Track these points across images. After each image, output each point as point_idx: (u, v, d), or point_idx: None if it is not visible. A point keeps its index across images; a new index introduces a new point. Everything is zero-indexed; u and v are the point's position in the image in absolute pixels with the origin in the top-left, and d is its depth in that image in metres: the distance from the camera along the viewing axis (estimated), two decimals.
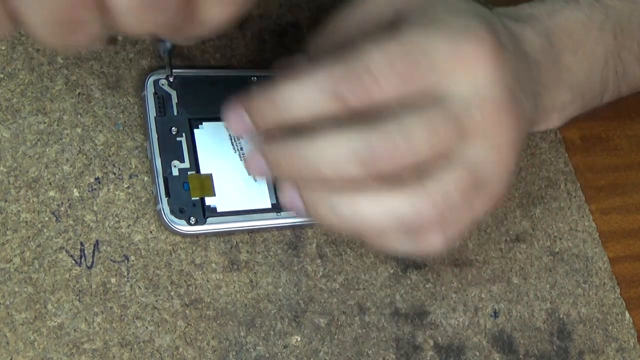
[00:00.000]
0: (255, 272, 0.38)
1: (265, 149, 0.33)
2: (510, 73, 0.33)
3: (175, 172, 0.37)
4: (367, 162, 0.31)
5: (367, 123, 0.31)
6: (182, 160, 0.38)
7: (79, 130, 0.38)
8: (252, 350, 0.36)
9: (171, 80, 0.39)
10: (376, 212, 0.32)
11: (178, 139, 0.38)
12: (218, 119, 0.39)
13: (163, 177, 0.37)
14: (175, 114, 0.39)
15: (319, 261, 0.39)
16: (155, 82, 0.39)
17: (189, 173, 0.37)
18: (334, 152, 0.31)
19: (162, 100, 0.39)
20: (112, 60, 0.40)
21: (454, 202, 0.32)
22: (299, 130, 0.32)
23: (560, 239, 0.46)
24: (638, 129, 0.53)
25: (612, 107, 0.53)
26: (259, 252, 0.38)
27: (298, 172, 0.33)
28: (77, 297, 0.34)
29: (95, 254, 0.35)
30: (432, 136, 0.31)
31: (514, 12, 0.39)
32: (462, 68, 0.32)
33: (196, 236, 0.37)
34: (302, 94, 0.32)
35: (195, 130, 0.39)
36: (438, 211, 0.32)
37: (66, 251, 0.35)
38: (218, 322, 0.36)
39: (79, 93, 0.38)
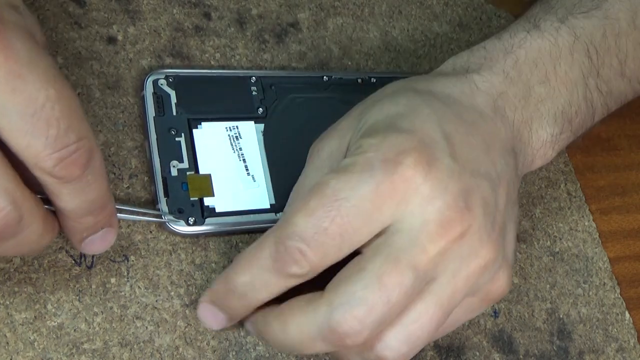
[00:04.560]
0: None
1: (247, 324, 0.35)
2: (449, 180, 0.31)
3: (174, 173, 0.37)
4: (331, 338, 0.31)
5: (323, 297, 0.31)
6: (181, 161, 0.38)
7: None
8: (252, 350, 0.36)
9: (170, 80, 0.39)
10: None
11: (177, 139, 0.38)
12: (217, 119, 0.39)
13: (162, 177, 0.37)
14: (175, 114, 0.39)
15: None
16: (155, 82, 0.39)
17: (187, 173, 0.37)
18: (301, 333, 0.31)
19: (161, 100, 0.39)
20: (112, 60, 0.40)
21: (422, 337, 0.32)
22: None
23: (560, 239, 0.46)
24: (638, 129, 0.53)
25: None
26: None
27: (273, 343, 0.33)
28: (77, 297, 0.34)
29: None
30: (387, 293, 0.30)
31: (463, 63, 0.38)
32: (390, 203, 0.31)
33: (195, 236, 0.37)
34: (252, 279, 0.32)
35: (194, 131, 0.39)
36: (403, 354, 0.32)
37: (66, 251, 0.35)
38: None
39: (79, 93, 0.38)
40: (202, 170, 0.38)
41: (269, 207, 0.38)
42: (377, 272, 0.30)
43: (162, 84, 0.39)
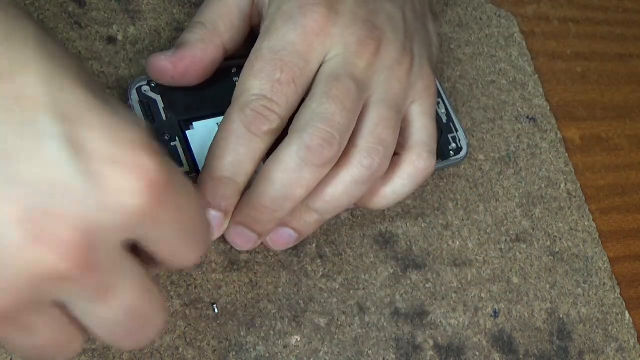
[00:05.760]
0: (255, 272, 0.38)
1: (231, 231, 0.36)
2: (357, 9, 0.37)
3: None
4: (311, 157, 0.33)
5: (288, 134, 0.35)
6: (180, 165, 0.37)
7: None
8: (252, 350, 0.36)
9: (153, 85, 0.38)
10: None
11: (172, 144, 0.37)
12: (207, 116, 0.38)
13: None
14: (164, 119, 0.37)
15: (319, 261, 0.39)
16: (139, 90, 0.37)
17: (190, 176, 0.37)
18: (285, 171, 0.34)
19: (148, 108, 0.37)
20: (112, 60, 0.40)
21: (390, 136, 0.37)
22: None
23: (560, 239, 0.46)
24: (638, 129, 0.53)
25: (612, 107, 0.53)
26: (259, 252, 0.38)
27: (263, 207, 0.35)
28: None
29: None
30: (340, 101, 0.34)
31: None
32: (318, 41, 0.35)
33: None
34: (236, 155, 0.34)
35: (187, 132, 0.38)
36: None
37: None
38: (218, 322, 0.36)
39: None
40: None
41: None
42: (324, 90, 0.35)
43: (145, 91, 0.37)
